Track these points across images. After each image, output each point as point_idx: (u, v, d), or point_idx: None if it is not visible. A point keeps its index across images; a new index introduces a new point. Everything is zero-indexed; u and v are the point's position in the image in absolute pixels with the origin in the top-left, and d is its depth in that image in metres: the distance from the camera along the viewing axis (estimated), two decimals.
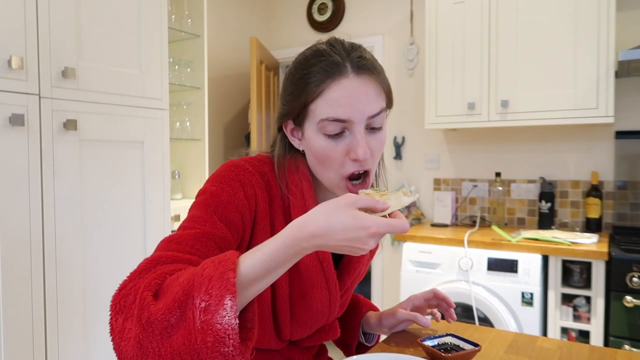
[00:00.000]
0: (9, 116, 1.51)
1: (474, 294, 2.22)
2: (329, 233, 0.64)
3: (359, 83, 0.78)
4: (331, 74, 0.78)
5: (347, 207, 0.64)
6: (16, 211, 1.54)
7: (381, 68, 0.84)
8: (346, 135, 0.80)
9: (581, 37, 2.24)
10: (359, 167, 0.81)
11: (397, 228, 0.64)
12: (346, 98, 0.78)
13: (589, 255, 2.04)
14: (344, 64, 0.79)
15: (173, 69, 2.49)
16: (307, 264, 0.87)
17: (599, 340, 2.05)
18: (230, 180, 0.82)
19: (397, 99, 3.15)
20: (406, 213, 3.03)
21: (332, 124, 0.79)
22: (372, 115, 0.80)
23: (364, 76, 0.79)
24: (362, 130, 0.79)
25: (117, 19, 1.87)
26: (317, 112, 0.80)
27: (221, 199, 0.80)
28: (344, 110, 0.78)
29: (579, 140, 2.59)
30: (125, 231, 1.91)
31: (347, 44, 0.83)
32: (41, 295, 1.61)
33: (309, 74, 0.80)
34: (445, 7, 2.57)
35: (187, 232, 0.75)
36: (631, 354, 1.01)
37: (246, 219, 0.82)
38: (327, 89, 0.78)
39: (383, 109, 0.82)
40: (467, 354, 0.96)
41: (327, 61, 0.79)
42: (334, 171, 0.82)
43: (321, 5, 3.37)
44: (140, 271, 0.67)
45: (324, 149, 0.80)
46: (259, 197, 0.83)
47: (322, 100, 0.79)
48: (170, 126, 2.32)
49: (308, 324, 0.92)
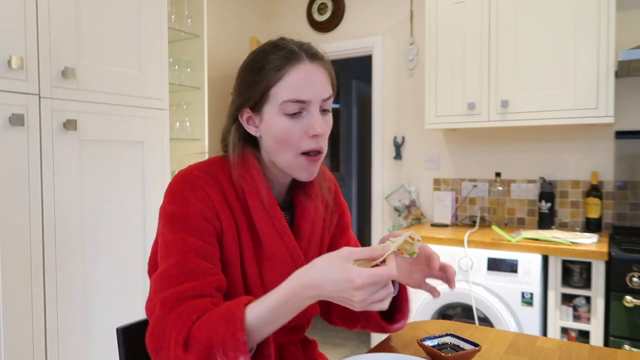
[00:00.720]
0: (9, 116, 1.51)
1: (474, 294, 2.22)
2: (322, 285, 0.74)
3: (313, 68, 0.90)
4: (290, 60, 0.89)
5: (340, 260, 0.74)
6: (16, 211, 1.54)
7: (329, 60, 0.96)
8: (304, 115, 0.90)
9: (581, 37, 2.24)
10: (315, 144, 0.91)
11: (383, 277, 0.71)
12: (304, 80, 0.89)
13: (589, 255, 2.04)
14: (299, 52, 0.90)
15: (173, 69, 2.49)
16: (269, 240, 0.94)
17: (599, 340, 2.05)
18: (183, 193, 0.90)
19: (397, 99, 3.15)
20: (406, 213, 3.03)
21: (293, 105, 0.89)
22: (325, 98, 0.91)
23: (317, 63, 0.91)
24: (318, 110, 0.91)
25: (117, 19, 1.87)
26: (278, 94, 0.89)
27: (182, 215, 0.88)
28: (304, 92, 0.89)
29: (579, 140, 2.59)
30: (125, 231, 1.90)
31: (298, 40, 0.95)
32: (41, 295, 1.61)
33: (268, 62, 0.90)
34: (445, 7, 2.57)
35: (171, 264, 0.85)
36: (631, 354, 1.01)
37: (210, 218, 0.90)
38: (287, 73, 0.89)
39: (331, 95, 0.93)
40: (467, 354, 0.96)
41: (285, 50, 0.91)
42: (292, 149, 0.91)
43: (321, 5, 3.37)
44: (163, 315, 0.80)
45: (285, 127, 0.90)
46: (211, 195, 0.91)
47: (283, 83, 0.89)
48: (170, 126, 2.31)
49: None
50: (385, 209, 3.20)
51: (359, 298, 0.72)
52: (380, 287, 0.73)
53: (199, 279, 0.84)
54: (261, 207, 0.93)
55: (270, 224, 0.94)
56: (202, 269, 0.86)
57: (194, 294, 0.82)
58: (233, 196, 0.93)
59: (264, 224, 0.94)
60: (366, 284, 0.71)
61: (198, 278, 0.84)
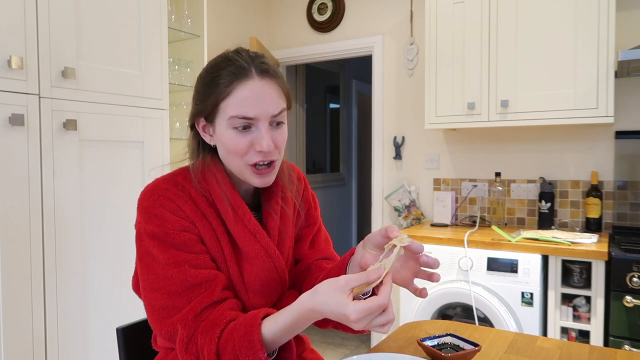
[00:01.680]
0: (9, 116, 1.51)
1: (473, 294, 2.22)
2: (324, 312, 0.80)
3: (262, 84, 0.91)
4: (238, 76, 0.91)
5: (336, 292, 0.78)
6: (16, 211, 1.54)
7: (281, 74, 0.97)
8: (252, 130, 0.92)
9: (581, 37, 2.24)
10: (262, 157, 0.93)
11: (375, 308, 0.76)
12: (252, 98, 0.90)
13: (588, 255, 2.04)
14: (249, 68, 0.92)
15: (173, 69, 2.49)
16: (243, 240, 0.97)
17: (599, 340, 2.05)
18: (155, 210, 0.93)
19: (397, 99, 3.15)
20: (406, 213, 3.03)
21: (240, 120, 0.91)
22: (275, 114, 0.92)
23: (267, 79, 0.92)
24: (267, 126, 0.92)
25: (117, 19, 1.87)
26: (227, 109, 0.91)
27: (163, 233, 0.91)
28: (251, 109, 0.90)
29: (579, 140, 2.59)
30: (125, 231, 1.90)
31: (252, 53, 0.96)
32: (41, 295, 1.61)
33: (219, 76, 0.92)
34: (445, 7, 2.57)
35: (172, 281, 0.89)
36: (631, 354, 1.01)
37: (188, 228, 0.93)
38: (235, 89, 0.91)
39: (284, 109, 0.95)
40: (467, 354, 0.96)
41: (235, 65, 0.92)
42: (241, 160, 0.94)
43: (321, 5, 3.37)
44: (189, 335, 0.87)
45: (233, 141, 0.92)
46: (182, 207, 0.94)
47: (231, 99, 0.91)
48: (170, 126, 2.31)
49: (265, 292, 1.00)
50: (385, 209, 3.20)
51: (358, 327, 0.77)
52: (378, 315, 0.77)
53: (204, 289, 0.90)
54: (230, 209, 0.96)
55: (241, 225, 0.97)
56: (203, 278, 0.90)
57: (207, 304, 0.89)
58: (204, 202, 0.96)
59: (235, 226, 0.97)
60: (361, 317, 0.76)
61: (203, 288, 0.90)
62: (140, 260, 0.95)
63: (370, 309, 0.75)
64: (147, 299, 0.93)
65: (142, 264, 0.94)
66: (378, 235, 0.91)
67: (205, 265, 0.92)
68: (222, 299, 0.91)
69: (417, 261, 0.91)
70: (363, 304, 0.76)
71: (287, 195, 1.07)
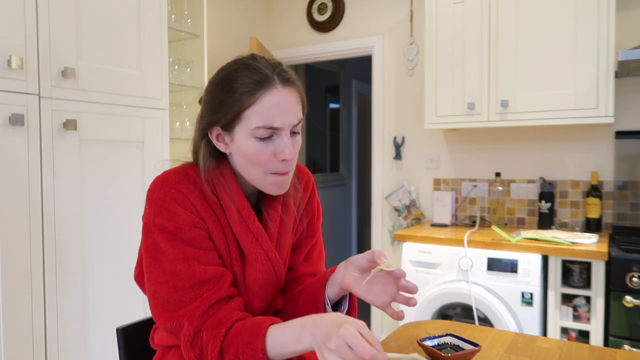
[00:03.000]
0: (9, 116, 1.51)
1: (473, 294, 2.22)
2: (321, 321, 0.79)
3: (286, 93, 0.91)
4: (263, 85, 0.90)
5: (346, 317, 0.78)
6: (16, 211, 1.54)
7: (299, 81, 0.97)
8: (274, 138, 0.92)
9: (581, 37, 2.24)
10: (282, 167, 0.94)
11: (361, 344, 0.72)
12: (277, 107, 0.90)
13: (588, 255, 2.04)
14: (272, 76, 0.91)
15: (173, 69, 2.49)
16: (245, 242, 0.97)
17: (599, 340, 2.05)
18: (167, 203, 0.92)
19: (397, 99, 3.15)
20: (406, 213, 3.03)
21: (265, 130, 0.90)
22: (295, 124, 0.93)
23: (289, 87, 0.92)
24: (288, 135, 0.93)
25: (117, 19, 1.87)
26: (251, 119, 0.90)
27: (173, 227, 0.91)
28: (276, 119, 0.90)
29: (579, 140, 2.59)
30: (125, 231, 1.90)
31: (270, 60, 0.95)
32: (41, 295, 1.61)
33: (241, 84, 0.90)
34: (445, 7, 2.57)
35: (180, 276, 0.90)
36: (631, 354, 1.01)
37: (198, 224, 0.94)
38: (260, 98, 0.89)
39: (301, 119, 0.95)
40: (467, 354, 0.96)
41: (258, 73, 0.90)
42: (261, 169, 0.94)
43: (321, 5, 3.37)
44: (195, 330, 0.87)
45: (255, 149, 0.92)
46: (194, 201, 0.94)
47: (256, 108, 0.90)
48: (170, 126, 2.31)
49: (261, 294, 1.01)
50: (385, 209, 3.20)
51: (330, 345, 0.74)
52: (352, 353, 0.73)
53: (212, 285, 0.90)
54: (235, 210, 0.97)
55: (244, 227, 0.97)
56: (211, 275, 0.91)
57: (214, 301, 0.89)
58: (213, 199, 0.97)
59: (239, 227, 0.97)
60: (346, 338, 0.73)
61: (211, 285, 0.90)
62: (147, 252, 0.94)
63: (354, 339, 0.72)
64: (153, 292, 0.92)
65: (149, 256, 0.94)
66: (363, 259, 0.93)
67: (213, 262, 0.93)
68: (229, 296, 0.92)
69: (398, 286, 0.93)
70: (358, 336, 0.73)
71: (288, 202, 1.07)
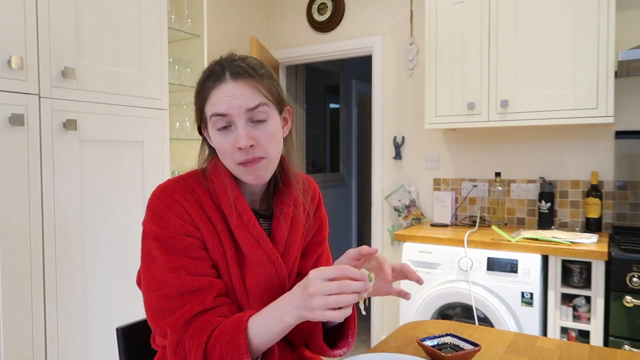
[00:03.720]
0: (9, 116, 1.52)
1: (473, 294, 2.22)
2: (293, 293, 0.84)
3: (235, 85, 0.95)
4: (213, 81, 0.96)
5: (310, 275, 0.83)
6: (16, 211, 1.54)
7: (261, 73, 0.98)
8: (232, 129, 0.95)
9: (581, 37, 2.24)
10: (244, 156, 0.95)
11: (333, 271, 0.81)
12: (225, 97, 0.94)
13: (588, 255, 2.04)
14: (223, 73, 0.96)
15: (173, 69, 2.49)
16: (246, 245, 0.99)
17: (599, 340, 2.05)
18: (161, 212, 0.95)
19: (397, 99, 3.15)
20: (406, 213, 3.03)
21: (218, 119, 0.95)
22: (249, 108, 0.94)
23: (240, 80, 0.95)
24: (243, 124, 0.94)
25: (117, 19, 1.87)
26: (207, 112, 0.98)
27: (165, 236, 0.94)
28: (222, 105, 0.94)
29: (579, 140, 2.59)
30: (125, 231, 1.91)
31: (235, 57, 1.00)
32: (41, 295, 1.61)
33: (203, 85, 0.99)
34: (445, 7, 2.57)
35: (169, 286, 0.92)
36: (631, 354, 1.01)
37: (191, 232, 0.95)
38: (211, 93, 0.96)
39: (261, 103, 0.96)
40: (467, 354, 0.96)
41: (211, 73, 0.98)
42: (230, 160, 0.97)
43: (321, 5, 3.37)
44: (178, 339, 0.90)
45: (218, 142, 0.97)
46: (188, 209, 0.96)
47: (209, 102, 0.97)
48: (170, 126, 2.31)
49: (264, 298, 1.01)
50: (385, 209, 3.20)
51: (314, 300, 0.79)
52: (337, 285, 0.79)
53: (197, 296, 0.92)
54: (236, 214, 0.98)
55: (245, 230, 0.99)
56: (197, 286, 0.93)
57: (197, 311, 0.91)
58: (211, 206, 0.99)
59: (240, 231, 0.98)
60: (319, 281, 0.79)
61: (196, 296, 0.92)
62: (142, 258, 0.98)
63: (326, 271, 0.79)
64: (145, 297, 0.96)
65: (143, 262, 0.98)
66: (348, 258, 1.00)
67: (202, 272, 0.94)
68: (212, 307, 0.93)
69: (387, 282, 1.01)
70: (323, 268, 0.81)
71: (299, 204, 1.09)
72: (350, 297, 0.79)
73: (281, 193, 1.08)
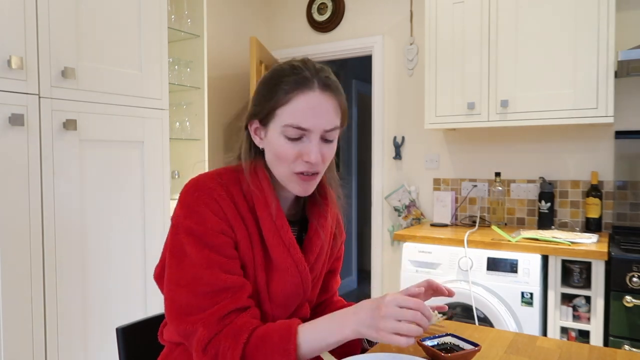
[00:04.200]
0: (9, 116, 1.51)
1: (473, 294, 2.22)
2: (361, 308, 0.86)
3: (322, 98, 0.92)
4: (299, 86, 0.92)
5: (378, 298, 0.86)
6: (16, 211, 1.54)
7: (342, 91, 0.98)
8: (304, 140, 0.93)
9: (581, 37, 2.24)
10: (308, 168, 0.94)
11: (408, 300, 0.83)
12: (309, 110, 0.91)
13: (588, 255, 2.04)
14: (312, 80, 0.92)
15: (173, 69, 2.49)
16: (276, 251, 0.98)
17: (599, 340, 2.05)
18: (198, 208, 0.93)
19: (397, 99, 3.15)
20: (406, 213, 3.03)
21: (293, 130, 0.92)
22: (328, 130, 0.93)
23: (328, 93, 0.93)
24: (317, 139, 0.93)
25: (117, 19, 1.87)
26: (283, 117, 0.92)
27: (201, 232, 0.92)
28: (306, 120, 0.91)
29: (579, 140, 2.59)
30: (124, 231, 1.90)
31: (318, 65, 0.96)
32: (41, 295, 1.61)
33: (282, 82, 0.93)
34: (445, 7, 2.57)
35: (201, 282, 0.90)
36: (631, 354, 1.01)
37: (226, 231, 0.94)
38: (295, 98, 0.92)
39: (337, 127, 0.96)
40: (467, 354, 0.96)
41: (299, 75, 0.93)
42: (287, 167, 0.95)
43: (321, 5, 3.37)
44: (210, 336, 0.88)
45: (283, 148, 0.93)
46: (225, 209, 0.94)
47: (289, 107, 0.92)
48: (170, 126, 2.31)
49: (286, 304, 1.02)
50: (385, 209, 3.20)
51: (386, 314, 0.81)
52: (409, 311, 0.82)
53: (231, 294, 0.91)
54: (269, 219, 0.97)
55: (277, 236, 0.98)
56: (232, 284, 0.91)
57: (231, 309, 0.90)
58: (244, 207, 0.97)
59: (272, 235, 0.97)
60: (393, 304, 0.82)
61: (230, 294, 0.91)
62: (171, 253, 0.95)
63: (404, 299, 0.81)
64: (171, 293, 0.93)
65: (172, 257, 0.94)
66: (416, 288, 1.02)
67: (234, 271, 0.93)
68: (246, 307, 0.92)
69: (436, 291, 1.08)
70: (400, 295, 0.83)
71: (333, 215, 1.10)
72: (416, 329, 0.81)
73: (317, 203, 1.07)
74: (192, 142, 2.58)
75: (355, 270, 5.14)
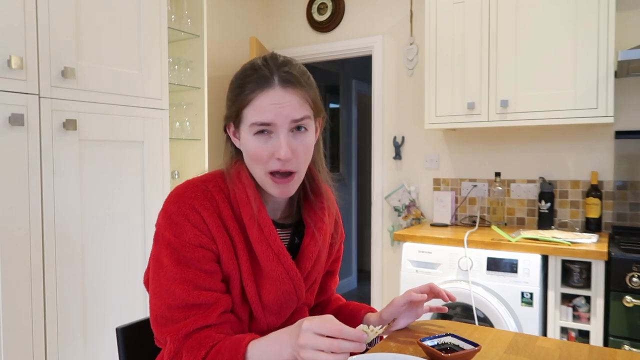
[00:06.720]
0: (9, 116, 1.51)
1: (473, 294, 2.22)
2: (287, 332, 0.83)
3: (283, 93, 0.91)
4: (260, 85, 0.91)
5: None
6: (16, 211, 1.54)
7: (309, 82, 0.96)
8: (273, 137, 0.92)
9: (581, 37, 2.24)
10: (281, 166, 0.92)
11: (329, 327, 0.75)
12: (270, 105, 0.90)
13: (588, 255, 2.04)
14: (271, 77, 0.91)
15: (173, 69, 2.49)
16: (265, 259, 0.96)
17: (599, 340, 2.05)
18: (177, 219, 0.92)
19: (397, 99, 3.15)
20: (406, 213, 3.03)
21: (258, 127, 0.91)
22: (295, 119, 0.92)
23: (289, 88, 0.92)
24: (286, 133, 0.91)
25: (117, 19, 1.87)
26: (248, 117, 0.92)
27: (178, 245, 0.91)
28: (268, 114, 0.90)
29: (578, 140, 2.59)
30: (124, 231, 1.90)
31: (281, 60, 0.95)
32: (41, 295, 1.61)
33: (244, 84, 0.93)
34: (445, 7, 2.57)
35: (174, 296, 0.90)
36: (631, 354, 1.01)
37: (206, 244, 0.93)
38: (256, 98, 0.91)
39: (307, 116, 0.94)
40: (467, 354, 0.96)
41: (258, 74, 0.92)
42: (261, 167, 0.94)
43: (321, 5, 3.37)
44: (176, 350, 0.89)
45: (254, 148, 0.93)
46: (206, 219, 0.93)
47: (252, 107, 0.92)
48: (170, 126, 2.31)
49: (280, 312, 1.01)
50: (385, 209, 3.20)
51: (302, 344, 0.75)
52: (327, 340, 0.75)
53: (202, 311, 0.90)
54: (256, 227, 0.96)
55: (265, 244, 0.96)
56: (203, 300, 0.91)
57: (198, 326, 0.89)
58: (230, 215, 0.96)
59: (259, 244, 0.96)
60: (310, 330, 0.75)
61: (202, 310, 0.90)
62: (151, 261, 0.96)
63: (320, 325, 0.75)
64: (150, 302, 0.94)
65: (153, 265, 0.95)
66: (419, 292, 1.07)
67: (210, 287, 0.92)
68: (216, 324, 0.91)
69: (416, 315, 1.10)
70: (322, 323, 0.75)
71: (332, 215, 1.09)
72: (339, 357, 0.74)
73: (312, 205, 1.05)
74: (192, 142, 2.58)
75: (355, 270, 5.14)
